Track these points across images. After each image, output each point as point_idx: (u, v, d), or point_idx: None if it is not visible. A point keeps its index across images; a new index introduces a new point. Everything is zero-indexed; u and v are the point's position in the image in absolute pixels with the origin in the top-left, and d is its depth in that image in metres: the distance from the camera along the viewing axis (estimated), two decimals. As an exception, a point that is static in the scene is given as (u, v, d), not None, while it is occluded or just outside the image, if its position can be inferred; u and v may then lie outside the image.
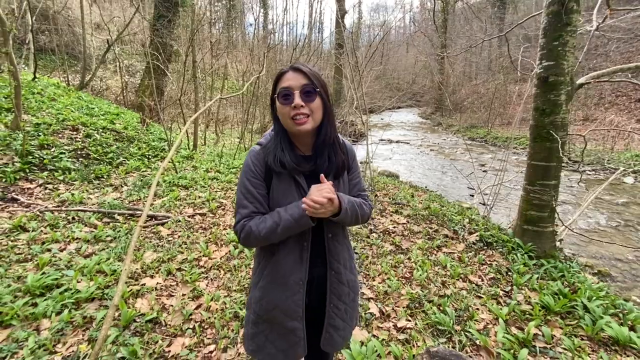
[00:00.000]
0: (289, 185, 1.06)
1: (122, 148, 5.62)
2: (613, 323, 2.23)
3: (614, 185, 7.58)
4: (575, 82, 2.96)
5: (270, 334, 1.11)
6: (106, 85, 11.75)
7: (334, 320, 1.15)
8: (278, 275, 1.09)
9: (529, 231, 3.17)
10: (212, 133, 10.05)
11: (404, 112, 26.63)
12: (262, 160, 1.07)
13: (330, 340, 1.16)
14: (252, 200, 1.06)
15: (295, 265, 1.08)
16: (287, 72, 1.03)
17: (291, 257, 1.08)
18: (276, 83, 1.06)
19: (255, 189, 1.06)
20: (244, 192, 1.07)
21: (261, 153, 1.08)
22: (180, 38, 9.43)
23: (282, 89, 1.01)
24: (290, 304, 1.08)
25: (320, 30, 31.91)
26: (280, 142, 1.07)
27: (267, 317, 1.11)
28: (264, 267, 1.12)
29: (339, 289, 1.15)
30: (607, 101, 13.79)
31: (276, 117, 1.09)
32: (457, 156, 10.91)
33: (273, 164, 1.05)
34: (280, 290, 1.08)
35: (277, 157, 1.05)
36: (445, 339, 2.12)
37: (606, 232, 5.13)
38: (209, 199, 4.22)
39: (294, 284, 1.08)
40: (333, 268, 1.14)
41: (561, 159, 2.94)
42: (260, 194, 1.07)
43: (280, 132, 1.09)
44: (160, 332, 2.08)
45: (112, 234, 3.20)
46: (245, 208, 1.06)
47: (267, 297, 1.10)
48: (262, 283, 1.11)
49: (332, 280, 1.14)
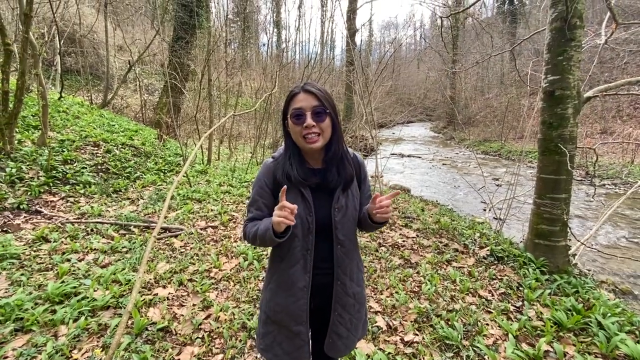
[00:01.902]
0: (295, 197, 1.12)
1: (140, 163, 5.85)
2: (629, 340, 2.16)
3: (636, 199, 7.33)
4: (583, 95, 2.97)
5: (277, 335, 1.18)
6: (126, 103, 12.31)
7: (338, 328, 1.19)
8: (284, 281, 1.16)
9: (540, 245, 3.11)
10: (225, 148, 10.32)
11: (415, 127, 26.63)
12: (272, 173, 1.17)
13: (334, 346, 1.21)
14: (256, 207, 1.19)
15: (300, 272, 1.14)
16: (299, 94, 1.10)
17: (296, 265, 1.14)
18: (288, 102, 1.13)
19: (260, 198, 1.18)
20: (251, 200, 1.20)
21: (272, 166, 1.18)
22: (197, 58, 9.88)
23: (295, 110, 1.08)
24: (295, 309, 1.14)
25: (332, 48, 32.65)
26: (290, 157, 1.15)
27: (274, 318, 1.18)
28: (274, 271, 1.20)
29: (344, 300, 1.19)
30: (625, 113, 13.47)
31: (287, 133, 1.17)
32: (470, 170, 10.79)
33: (280, 177, 1.13)
34: (286, 295, 1.15)
35: (285, 170, 1.13)
36: (453, 354, 2.09)
37: (628, 248, 4.95)
38: (221, 212, 4.32)
39: (298, 290, 1.14)
40: (339, 279, 1.17)
41: (570, 172, 2.91)
42: (264, 204, 1.18)
43: (290, 147, 1.16)
44: (170, 341, 2.14)
45: (127, 246, 3.32)
46: (250, 213, 1.20)
47: (275, 299, 1.18)
48: (271, 285, 1.21)
49: (338, 290, 1.18)
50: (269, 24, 28.12)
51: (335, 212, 1.14)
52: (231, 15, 23.32)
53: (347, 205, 1.17)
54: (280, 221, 0.98)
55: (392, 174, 10.35)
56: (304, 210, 1.11)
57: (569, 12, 2.78)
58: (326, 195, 1.16)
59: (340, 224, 1.15)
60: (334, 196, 1.15)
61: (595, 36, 4.54)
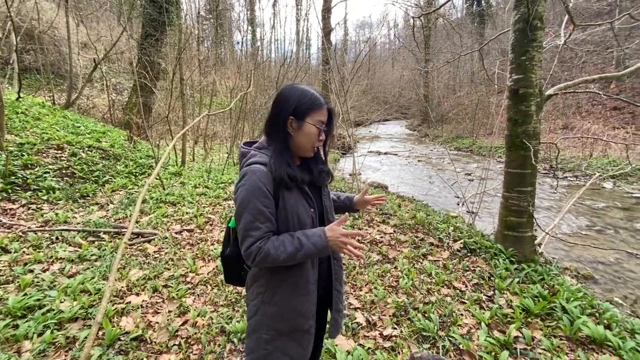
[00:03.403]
0: (298, 196, 1.15)
1: (109, 166, 5.59)
2: (590, 323, 2.31)
3: (595, 190, 7.84)
4: (544, 93, 3.14)
5: (286, 345, 1.15)
6: (93, 104, 11.70)
7: (338, 305, 1.29)
8: (297, 283, 1.15)
9: (509, 237, 3.27)
10: (200, 149, 10.07)
11: (391, 125, 27.12)
12: (270, 179, 1.09)
13: (337, 325, 1.30)
14: (263, 221, 1.07)
15: (310, 269, 1.17)
16: (325, 108, 1.17)
17: (307, 264, 1.16)
18: (313, 107, 1.14)
19: (267, 209, 1.08)
20: (254, 214, 1.06)
21: (268, 172, 1.09)
22: (168, 56, 9.55)
23: (320, 122, 1.15)
24: (308, 305, 1.17)
25: (308, 47, 32.60)
26: (286, 157, 1.14)
27: (288, 327, 1.15)
28: (281, 281, 1.14)
29: (339, 273, 1.31)
30: (584, 110, 14.37)
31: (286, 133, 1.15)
32: (444, 166, 11.13)
33: (286, 178, 1.09)
34: (300, 296, 1.15)
35: (289, 174, 1.11)
36: (430, 345, 2.16)
37: (588, 236, 5.29)
38: (197, 214, 4.22)
39: (310, 285, 1.17)
40: (335, 257, 1.29)
41: (535, 166, 3.07)
42: (271, 213, 1.09)
43: (285, 149, 1.15)
44: (145, 350, 2.06)
45: (97, 253, 3.17)
46: (257, 230, 1.06)
47: (289, 307, 1.14)
48: (278, 297, 1.14)
49: (336, 268, 1.28)
50: (242, 22, 27.68)
51: (325, 199, 1.27)
52: (203, 12, 22.73)
53: (329, 192, 1.34)
54: (353, 254, 1.04)
55: (371, 171, 10.50)
56: (307, 207, 1.17)
57: (530, 14, 2.92)
58: (315, 187, 1.26)
59: (330, 208, 1.30)
60: (322, 189, 1.29)
61: (556, 37, 4.81)
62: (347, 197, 1.48)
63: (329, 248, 1.06)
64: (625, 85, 13.71)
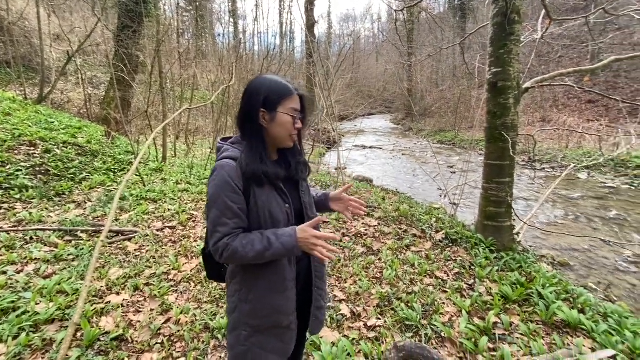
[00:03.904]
0: (271, 192, 1.11)
1: (86, 163, 5.40)
2: (565, 307, 2.41)
3: (570, 181, 8.15)
4: (522, 86, 3.21)
5: (266, 342, 1.14)
6: (68, 98, 11.22)
7: (319, 302, 1.27)
8: (273, 280, 1.12)
9: (489, 226, 3.36)
10: (182, 144, 9.85)
11: (376, 119, 27.27)
12: (240, 174, 1.06)
13: (317, 323, 1.27)
14: (231, 217, 1.05)
15: (287, 266, 1.14)
16: (296, 96, 1.13)
17: (282, 261, 1.13)
18: (283, 96, 1.10)
19: (235, 205, 1.06)
20: (222, 210, 1.04)
21: (237, 167, 1.07)
22: (147, 48, 9.24)
23: (294, 111, 1.12)
24: (286, 302, 1.14)
25: (291, 40, 32.25)
26: (258, 151, 1.10)
27: (265, 325, 1.13)
28: (256, 279, 1.13)
29: (322, 272, 1.28)
30: (561, 103, 14.85)
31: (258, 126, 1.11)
32: (427, 159, 11.30)
33: (258, 175, 1.06)
34: (276, 293, 1.13)
35: (261, 169, 1.07)
36: (413, 334, 2.21)
37: (564, 225, 5.50)
38: (179, 211, 4.14)
39: (288, 283, 1.14)
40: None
41: (513, 158, 3.16)
42: (240, 209, 1.07)
43: (260, 142, 1.12)
44: (126, 350, 2.02)
45: (74, 253, 3.07)
46: (225, 226, 1.04)
47: (266, 304, 1.12)
48: (254, 295, 1.12)
49: (316, 265, 1.25)
50: (224, 14, 27.07)
51: (303, 195, 1.22)
52: (183, 3, 22.08)
53: (308, 187, 1.28)
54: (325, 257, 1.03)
55: (356, 165, 10.56)
56: (282, 203, 1.13)
57: (508, 7, 2.97)
58: (291, 182, 1.21)
59: (309, 204, 1.24)
60: (299, 182, 1.24)
61: (533, 31, 4.92)
62: (323, 194, 1.38)
63: (298, 248, 1.03)
64: (599, 79, 14.24)
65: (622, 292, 3.43)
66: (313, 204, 1.29)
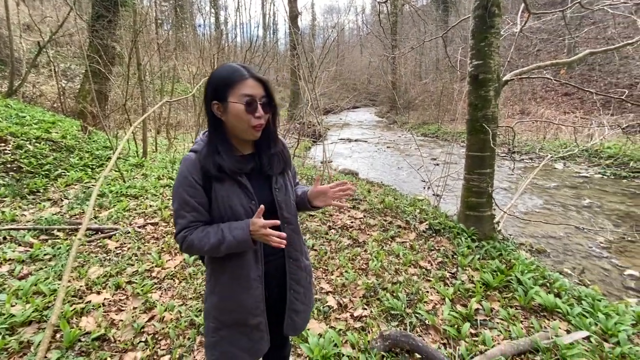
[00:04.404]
0: (232, 188, 1.07)
1: (61, 159, 5.19)
2: (542, 292, 2.51)
3: (547, 171, 8.44)
4: (502, 79, 3.28)
5: (232, 337, 1.12)
6: (40, 92, 10.70)
7: (295, 305, 1.22)
8: (236, 276, 1.10)
9: (470, 216, 3.44)
10: (164, 139, 9.60)
11: (361, 112, 27.35)
12: (198, 167, 1.04)
13: (293, 325, 1.23)
14: (189, 211, 1.05)
15: (252, 262, 1.11)
16: (248, 80, 1.01)
17: (247, 256, 1.10)
18: (231, 84, 1.01)
19: (192, 199, 1.04)
20: (180, 203, 1.05)
21: (196, 160, 1.05)
22: (123, 39, 8.89)
23: (246, 97, 1.00)
24: (252, 301, 1.11)
25: (275, 31, 31.75)
26: (217, 146, 1.06)
27: (229, 319, 1.12)
28: (222, 272, 1.11)
29: (298, 275, 1.22)
30: (539, 96, 15.29)
31: (215, 119, 1.07)
32: (411, 152, 11.44)
33: (212, 169, 1.03)
34: (239, 290, 1.10)
35: (216, 162, 1.03)
36: (398, 322, 2.25)
37: (541, 213, 5.71)
38: (161, 207, 4.04)
39: (252, 281, 1.10)
40: (292, 257, 1.20)
41: (494, 149, 3.23)
42: (199, 202, 1.05)
43: (218, 135, 1.07)
44: (108, 349, 1.97)
45: (51, 252, 2.96)
46: (183, 219, 1.05)
47: (228, 299, 1.11)
48: (219, 288, 1.12)
49: (292, 268, 1.20)
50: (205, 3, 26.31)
51: (276, 192, 1.15)
52: (161, -8, 21.30)
53: (286, 184, 1.19)
54: (276, 244, 1.00)
55: (342, 158, 10.59)
56: (244, 199, 1.08)
57: (489, 0, 3.01)
58: (263, 178, 1.15)
59: (284, 203, 1.17)
60: (272, 178, 1.16)
61: (513, 25, 5.01)
62: (303, 192, 1.28)
63: (250, 241, 1.01)
64: (574, 73, 14.71)
65: (594, 276, 3.60)
66: (291, 202, 1.20)
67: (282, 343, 1.39)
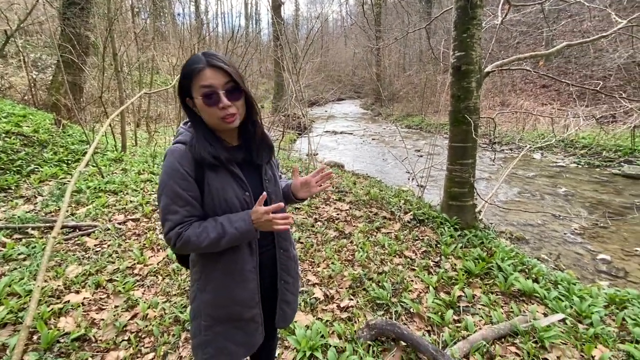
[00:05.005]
0: (226, 178, 1.04)
1: (33, 154, 4.95)
2: (521, 278, 2.60)
3: (526, 161, 8.70)
4: (484, 70, 3.32)
5: (228, 333, 1.11)
6: (9, 83, 10.13)
7: (286, 296, 1.22)
8: (231, 271, 1.08)
9: (453, 206, 3.51)
10: (144, 132, 9.31)
11: (346, 104, 27.32)
12: (190, 159, 1.00)
13: (284, 316, 1.24)
14: (182, 205, 1.00)
15: (247, 255, 1.09)
16: (205, 69, 0.95)
17: (243, 249, 1.08)
18: (190, 78, 0.97)
19: (185, 192, 0.99)
20: (172, 197, 0.99)
21: (188, 151, 1.01)
22: (97, 28, 8.50)
23: (204, 89, 0.95)
24: (247, 294, 1.10)
25: (257, 21, 31.09)
26: (206, 137, 1.03)
27: (224, 316, 1.10)
28: (213, 268, 1.08)
29: (288, 265, 1.22)
30: (519, 88, 15.65)
31: (193, 112, 1.04)
32: (396, 144, 11.55)
33: (209, 159, 0.99)
34: (235, 284, 1.08)
35: (209, 152, 1.00)
36: (383, 312, 2.29)
37: (520, 202, 5.89)
38: (142, 202, 3.93)
39: (248, 274, 1.09)
40: (282, 247, 1.20)
41: (475, 140, 3.29)
42: (192, 196, 1.01)
43: (202, 127, 1.04)
44: (89, 349, 1.92)
45: (25, 252, 2.84)
46: (175, 214, 0.99)
47: (223, 295, 1.08)
48: (212, 285, 1.08)
49: (282, 258, 1.20)
50: (184, -8, 25.32)
51: (266, 183, 1.14)
52: (137, -21, 20.36)
53: (274, 175, 1.19)
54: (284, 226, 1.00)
55: (327, 151, 10.58)
56: (238, 190, 1.06)
57: (470, -9, 3.02)
58: (253, 169, 1.13)
59: (274, 194, 1.16)
60: (262, 168, 1.14)
61: (494, 17, 5.08)
62: (286, 186, 1.29)
63: (254, 231, 1.01)
64: (552, 65, 15.11)
65: (569, 261, 3.77)
66: (279, 193, 1.20)
67: (272, 335, 1.39)
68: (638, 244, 4.10)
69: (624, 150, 8.18)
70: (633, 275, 3.44)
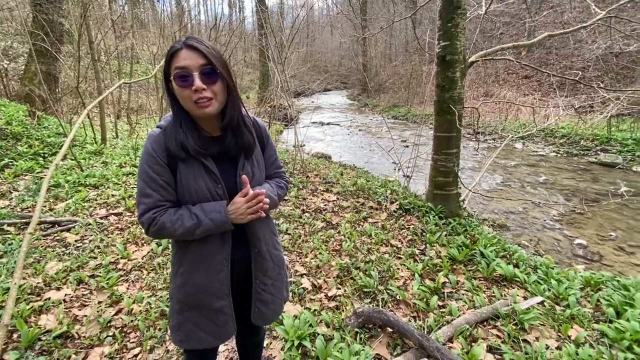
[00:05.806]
0: (197, 170, 1.02)
1: (7, 147, 4.74)
2: (502, 263, 2.69)
3: (509, 150, 8.91)
4: (468, 60, 3.35)
5: (197, 319, 1.10)
6: (-23, 73, 9.60)
7: (262, 295, 1.19)
8: (200, 258, 1.07)
9: (438, 195, 3.57)
10: (125, 124, 9.03)
11: (332, 95, 27.19)
12: (162, 144, 0.99)
13: (260, 315, 1.20)
14: (156, 189, 0.99)
15: (218, 246, 1.08)
16: (181, 50, 0.93)
17: (213, 239, 1.07)
18: (169, 61, 0.95)
19: (158, 176, 0.99)
20: (146, 180, 0.99)
21: (162, 137, 1.00)
22: (72, 15, 8.10)
23: (179, 70, 0.92)
24: (216, 284, 1.08)
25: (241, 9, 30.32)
26: (181, 125, 1.00)
27: (192, 302, 1.09)
28: (184, 252, 1.08)
29: (264, 265, 1.18)
30: (502, 78, 15.90)
31: (174, 97, 1.01)
32: (382, 134, 11.60)
33: (175, 149, 0.98)
34: (203, 271, 1.07)
35: (179, 141, 0.98)
36: (370, 299, 2.32)
37: (503, 190, 6.05)
38: (125, 196, 3.83)
39: (217, 263, 1.08)
40: (256, 246, 1.16)
41: (460, 130, 3.34)
42: (165, 181, 1.00)
43: (180, 114, 1.01)
44: (73, 346, 1.88)
45: (2, 249, 2.73)
46: (149, 197, 0.99)
47: (191, 280, 1.08)
48: (183, 269, 1.09)
49: (256, 258, 1.16)
50: (164, -22, 24.40)
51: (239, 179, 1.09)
52: (113, -37, 19.43)
53: (253, 172, 1.13)
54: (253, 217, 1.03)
55: (314, 142, 10.53)
56: (210, 182, 1.03)
57: (455, -20, 3.02)
58: (229, 163, 1.09)
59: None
60: (238, 163, 1.10)
61: (478, 7, 5.11)
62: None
63: (229, 223, 1.01)
64: (533, 56, 15.39)
65: (548, 246, 3.91)
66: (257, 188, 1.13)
67: (253, 331, 1.38)
68: (612, 229, 4.29)
69: (601, 139, 8.47)
70: (607, 258, 3.61)
